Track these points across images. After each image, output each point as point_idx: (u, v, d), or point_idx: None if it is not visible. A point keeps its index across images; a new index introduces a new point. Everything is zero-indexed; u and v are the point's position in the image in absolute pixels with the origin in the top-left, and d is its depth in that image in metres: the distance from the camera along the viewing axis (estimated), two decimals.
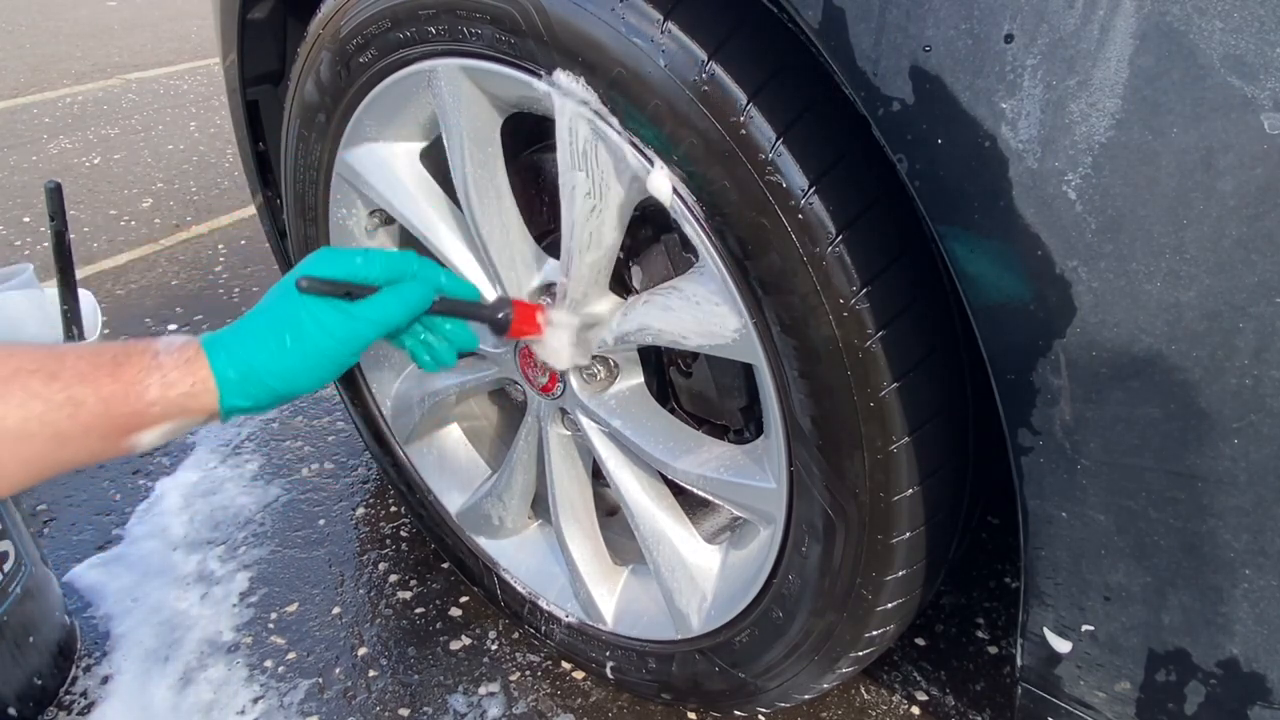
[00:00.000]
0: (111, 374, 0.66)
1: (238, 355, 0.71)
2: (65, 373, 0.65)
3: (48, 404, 0.64)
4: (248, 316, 0.74)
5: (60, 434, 0.65)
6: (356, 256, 0.76)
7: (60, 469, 0.67)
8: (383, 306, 0.76)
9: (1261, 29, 0.47)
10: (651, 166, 0.76)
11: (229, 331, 0.72)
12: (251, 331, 0.72)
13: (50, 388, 0.64)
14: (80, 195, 2.99)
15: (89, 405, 0.65)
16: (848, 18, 0.59)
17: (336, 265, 0.75)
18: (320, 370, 0.74)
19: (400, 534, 1.52)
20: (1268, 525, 0.57)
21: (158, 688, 1.25)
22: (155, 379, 0.68)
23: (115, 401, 0.66)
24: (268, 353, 0.72)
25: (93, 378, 0.66)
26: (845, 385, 0.75)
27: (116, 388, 0.66)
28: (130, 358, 0.68)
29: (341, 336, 0.74)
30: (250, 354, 0.71)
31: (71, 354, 0.66)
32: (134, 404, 0.67)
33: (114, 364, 0.67)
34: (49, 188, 1.27)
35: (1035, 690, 0.77)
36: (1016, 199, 0.56)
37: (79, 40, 5.48)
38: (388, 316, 0.76)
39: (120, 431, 0.68)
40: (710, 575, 1.02)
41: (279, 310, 0.73)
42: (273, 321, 0.72)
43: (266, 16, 1.22)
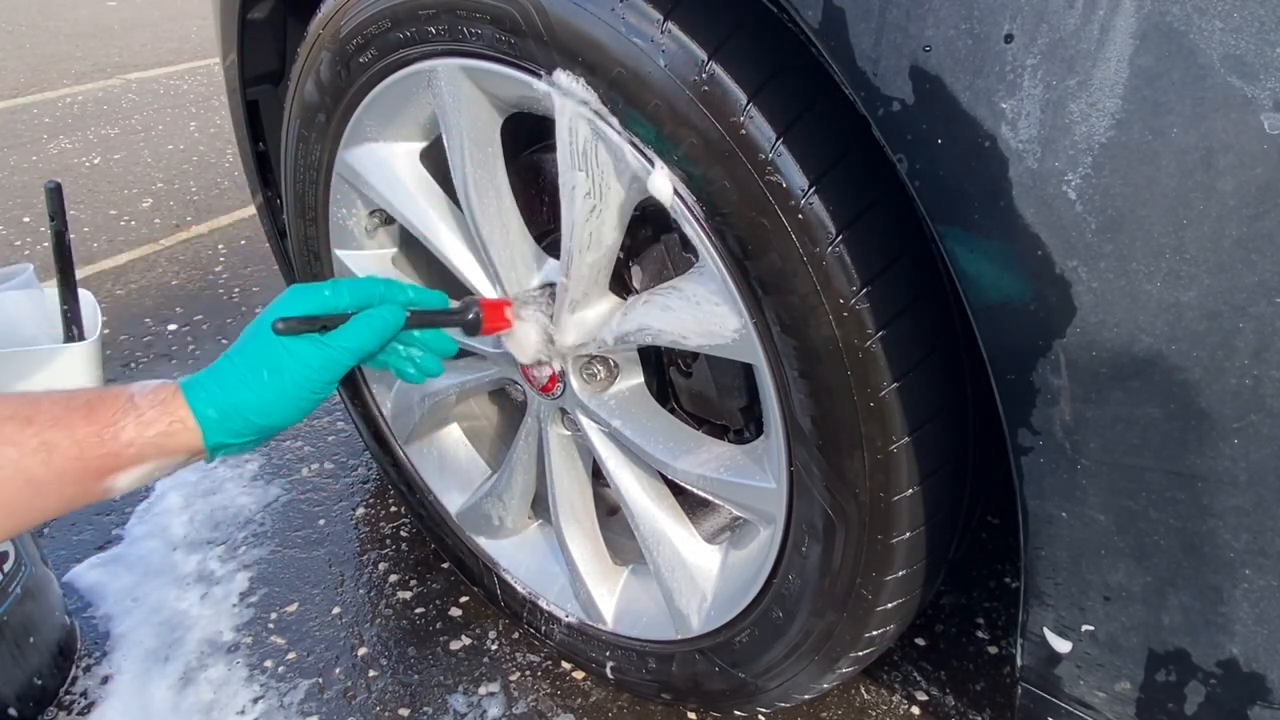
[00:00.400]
0: (86, 416, 0.67)
1: (216, 394, 0.73)
2: (39, 418, 0.65)
3: (20, 449, 0.64)
4: (223, 359, 0.76)
5: (34, 480, 0.64)
6: (324, 289, 0.78)
7: (38, 518, 0.67)
8: (355, 334, 0.78)
9: (1261, 29, 0.47)
10: (652, 167, 0.76)
11: (206, 374, 0.74)
12: (228, 371, 0.74)
13: (24, 433, 0.64)
14: (80, 195, 2.99)
15: (62, 449, 0.65)
16: (848, 18, 0.59)
17: (307, 302, 0.77)
18: (299, 401, 0.76)
19: (400, 534, 1.52)
20: (1268, 525, 0.57)
21: (158, 688, 1.25)
22: (130, 419, 0.68)
23: (89, 444, 0.66)
24: (246, 388, 0.73)
25: (66, 421, 0.66)
26: (845, 385, 0.75)
27: (90, 430, 0.66)
28: (105, 401, 0.68)
29: (318, 366, 0.76)
30: (229, 392, 0.73)
31: (46, 399, 0.67)
32: (109, 445, 0.67)
33: (88, 407, 0.67)
34: (49, 188, 1.27)
35: (1035, 690, 0.77)
36: (1016, 199, 0.56)
37: (79, 40, 5.48)
38: (361, 342, 0.78)
39: (95, 475, 0.68)
40: (710, 575, 1.02)
41: (255, 349, 0.75)
42: (249, 360, 0.74)
43: (266, 16, 1.22)
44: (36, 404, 0.66)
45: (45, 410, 0.66)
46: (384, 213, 1.13)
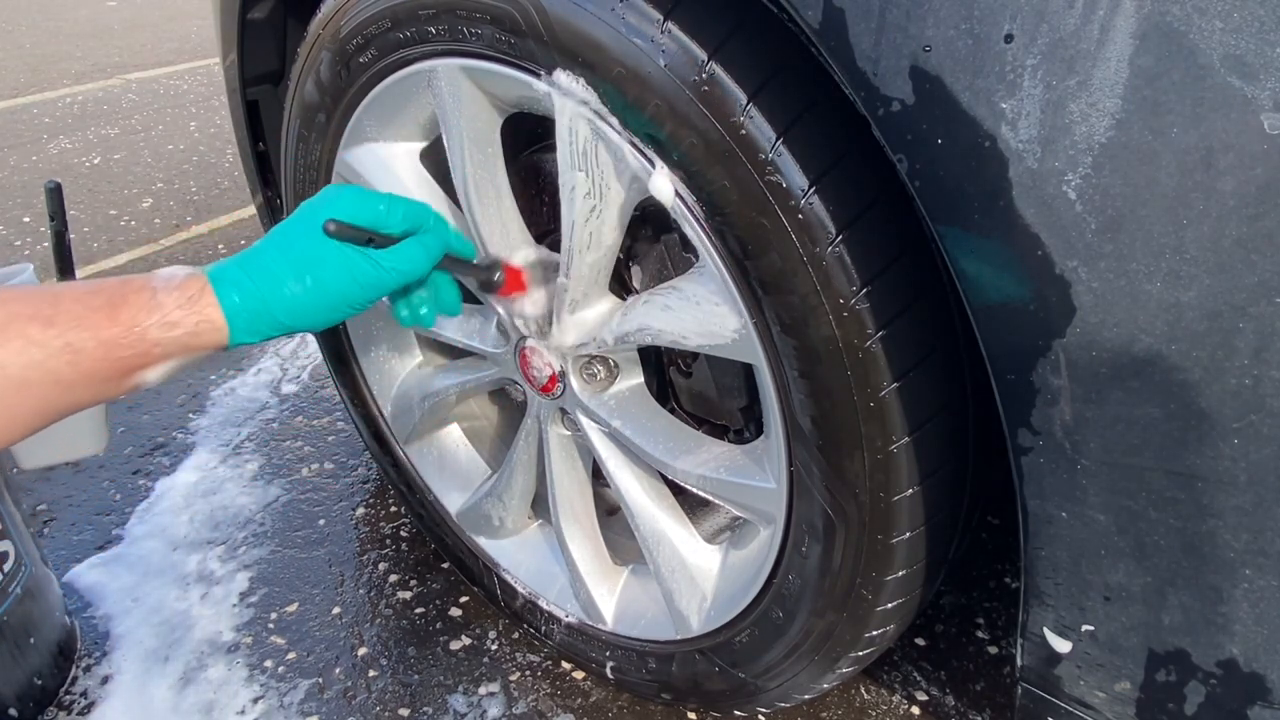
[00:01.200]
0: (109, 317, 0.65)
1: (251, 293, 0.69)
2: (61, 318, 0.63)
3: (46, 351, 0.63)
4: (260, 250, 0.71)
5: (62, 381, 0.64)
6: (379, 203, 0.74)
7: (68, 412, 0.66)
8: (409, 258, 0.75)
9: (1261, 29, 0.47)
10: (653, 168, 0.76)
11: (238, 266, 0.70)
12: (268, 268, 0.70)
13: (47, 334, 0.63)
14: (80, 195, 2.99)
15: (89, 350, 0.64)
16: (848, 18, 0.59)
17: (361, 210, 0.73)
18: (336, 313, 0.74)
19: (400, 534, 1.52)
20: (1268, 525, 0.57)
21: (158, 688, 1.25)
22: (155, 319, 0.66)
23: (115, 346, 0.65)
24: (286, 290, 0.70)
25: (90, 321, 0.64)
26: (845, 385, 0.75)
27: (116, 331, 0.65)
28: (128, 300, 0.66)
29: (366, 284, 0.73)
30: (267, 291, 0.70)
31: (67, 295, 0.65)
32: (136, 346, 0.66)
33: (110, 306, 0.65)
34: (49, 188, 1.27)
35: (1035, 690, 0.77)
36: (1016, 199, 0.56)
37: (79, 40, 5.48)
38: (412, 267, 0.76)
39: (123, 373, 0.67)
40: (710, 575, 1.02)
41: (302, 250, 0.71)
42: (295, 261, 0.71)
43: (266, 16, 1.22)
44: (57, 302, 0.64)
45: (67, 309, 0.64)
46: None
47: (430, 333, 1.16)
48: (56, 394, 0.64)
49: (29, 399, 0.63)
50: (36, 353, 0.62)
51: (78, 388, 0.65)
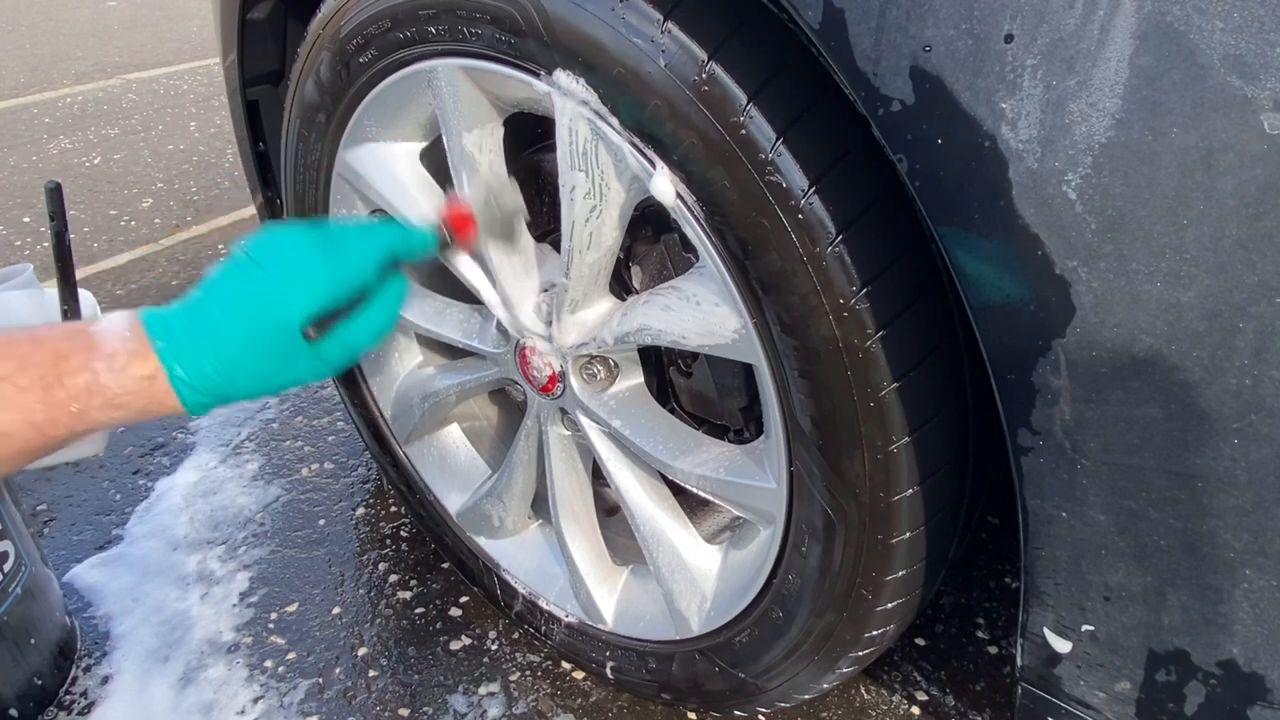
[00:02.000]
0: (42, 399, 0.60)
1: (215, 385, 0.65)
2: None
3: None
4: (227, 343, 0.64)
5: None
6: (353, 272, 0.69)
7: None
8: (383, 319, 0.72)
9: (1261, 29, 0.47)
10: (654, 169, 0.76)
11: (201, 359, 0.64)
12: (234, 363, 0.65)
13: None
14: (80, 195, 2.99)
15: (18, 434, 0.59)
16: (848, 18, 0.59)
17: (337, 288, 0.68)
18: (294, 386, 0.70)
19: (400, 534, 1.52)
20: (1268, 525, 0.57)
21: (158, 688, 1.25)
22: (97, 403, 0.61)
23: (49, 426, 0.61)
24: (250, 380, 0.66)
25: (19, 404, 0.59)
26: (845, 385, 0.75)
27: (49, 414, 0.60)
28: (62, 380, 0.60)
29: (340, 366, 0.71)
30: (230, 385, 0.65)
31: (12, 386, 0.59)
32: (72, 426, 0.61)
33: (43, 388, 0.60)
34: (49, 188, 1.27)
35: (1035, 690, 0.77)
36: (1016, 199, 0.56)
37: (79, 40, 5.48)
38: (386, 327, 0.73)
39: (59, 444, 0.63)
40: (710, 575, 1.02)
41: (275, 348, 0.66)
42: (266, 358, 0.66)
43: (266, 16, 1.22)
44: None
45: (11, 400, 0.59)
46: (384, 213, 1.12)
47: (430, 333, 1.16)
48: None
49: None
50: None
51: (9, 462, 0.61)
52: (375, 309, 0.72)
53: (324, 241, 0.69)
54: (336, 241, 0.70)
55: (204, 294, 0.67)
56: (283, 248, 0.68)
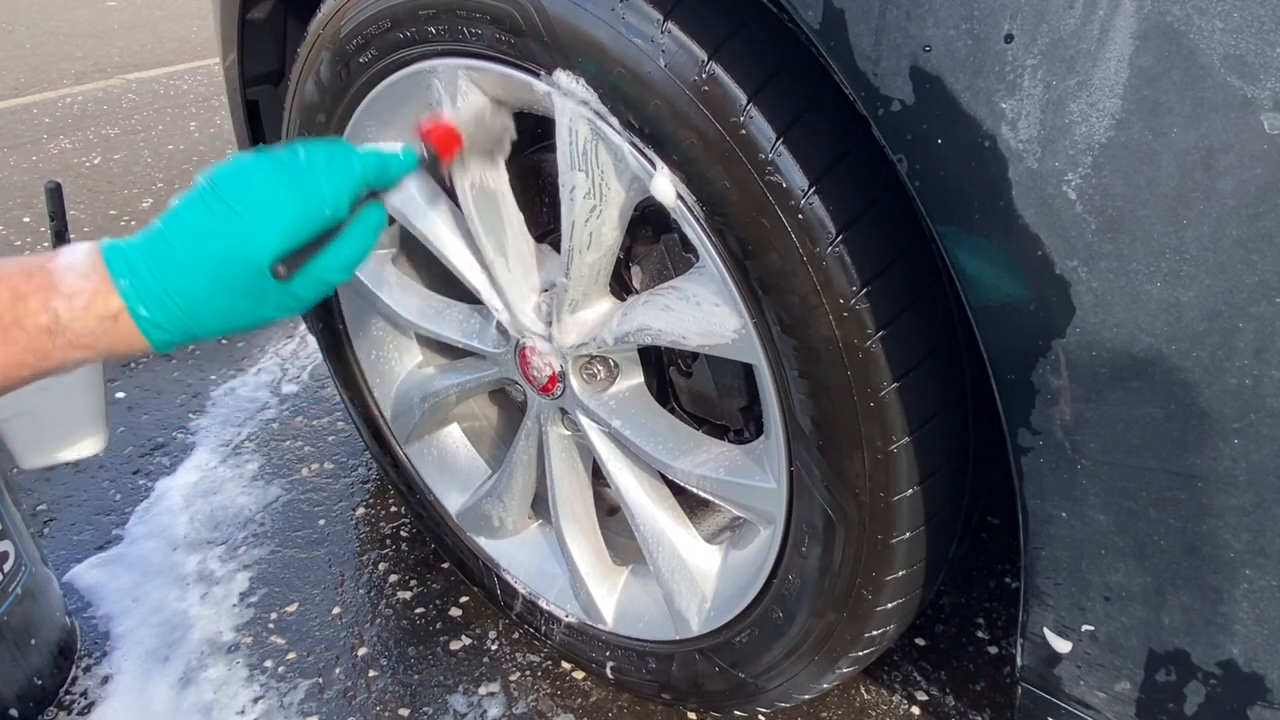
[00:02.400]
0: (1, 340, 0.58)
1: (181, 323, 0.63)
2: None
3: None
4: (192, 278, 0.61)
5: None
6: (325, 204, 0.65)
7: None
8: (355, 251, 0.68)
9: (1261, 29, 0.47)
10: (655, 169, 0.76)
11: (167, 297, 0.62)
12: (200, 301, 0.62)
13: None
14: (80, 195, 2.99)
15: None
16: (848, 18, 0.59)
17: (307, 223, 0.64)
18: (263, 324, 0.67)
19: (400, 534, 1.52)
20: (1268, 525, 0.57)
21: (158, 688, 1.25)
22: (60, 343, 0.59)
23: (10, 369, 0.59)
24: (217, 319, 0.64)
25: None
26: (845, 385, 0.75)
27: (10, 353, 0.58)
28: (22, 321, 0.58)
29: (312, 300, 0.68)
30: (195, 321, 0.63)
31: None
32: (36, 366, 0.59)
33: (2, 329, 0.58)
34: (49, 188, 1.27)
35: (1035, 690, 0.77)
36: (1016, 199, 0.56)
37: (79, 40, 5.48)
38: (359, 259, 0.69)
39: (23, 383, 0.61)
40: (710, 575, 1.02)
41: (244, 286, 0.63)
42: (234, 295, 0.63)
43: (266, 16, 1.22)
44: None
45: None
46: None
47: (430, 333, 1.16)
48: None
49: None
50: None
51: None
52: (347, 241, 0.68)
53: (293, 173, 0.65)
54: (306, 173, 0.65)
55: (167, 228, 0.64)
56: (249, 181, 0.64)
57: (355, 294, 1.21)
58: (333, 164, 0.67)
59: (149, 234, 0.64)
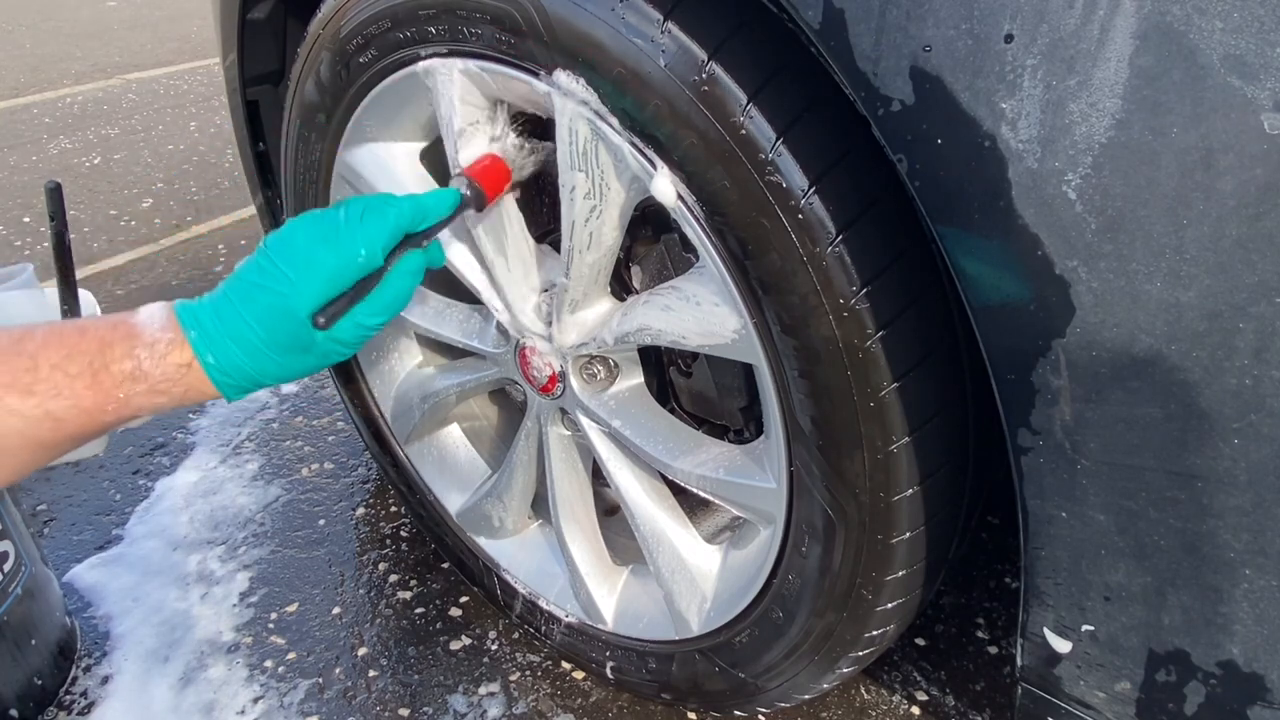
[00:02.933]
0: (90, 386, 0.63)
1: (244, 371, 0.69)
2: (40, 386, 0.62)
3: (26, 420, 0.62)
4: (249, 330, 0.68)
5: (44, 444, 0.63)
6: (357, 256, 0.71)
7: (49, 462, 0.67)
8: (394, 297, 0.73)
9: (1261, 29, 0.47)
10: (655, 170, 0.76)
11: (227, 336, 0.68)
12: (257, 350, 0.68)
13: (26, 404, 0.61)
14: (80, 195, 2.99)
15: (70, 419, 0.63)
16: (848, 18, 0.59)
17: (343, 275, 0.70)
18: (319, 369, 0.73)
19: (400, 534, 1.52)
20: (1268, 525, 0.57)
21: (158, 688, 1.25)
22: (141, 389, 0.65)
23: (97, 412, 0.64)
24: (273, 364, 0.70)
25: (69, 391, 0.63)
26: (845, 385, 0.75)
27: (97, 399, 0.63)
28: (108, 366, 0.64)
29: (353, 345, 0.73)
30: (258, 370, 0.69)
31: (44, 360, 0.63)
32: (119, 412, 0.65)
33: (91, 375, 0.63)
34: (49, 188, 1.27)
35: (1035, 690, 0.77)
36: (1016, 199, 0.56)
37: (79, 40, 5.48)
38: (399, 304, 0.74)
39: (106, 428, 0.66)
40: (710, 575, 1.02)
41: (287, 331, 0.69)
42: (284, 345, 0.69)
43: (266, 16, 1.22)
44: (35, 368, 0.62)
45: (45, 378, 0.62)
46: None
47: (430, 333, 1.16)
48: (38, 456, 0.64)
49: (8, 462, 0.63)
50: (16, 422, 0.61)
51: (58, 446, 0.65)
52: (385, 288, 0.74)
53: (330, 228, 0.71)
54: (342, 227, 0.72)
55: (228, 286, 0.71)
56: (293, 240, 0.71)
57: None
58: (367, 216, 0.72)
59: (214, 293, 0.71)
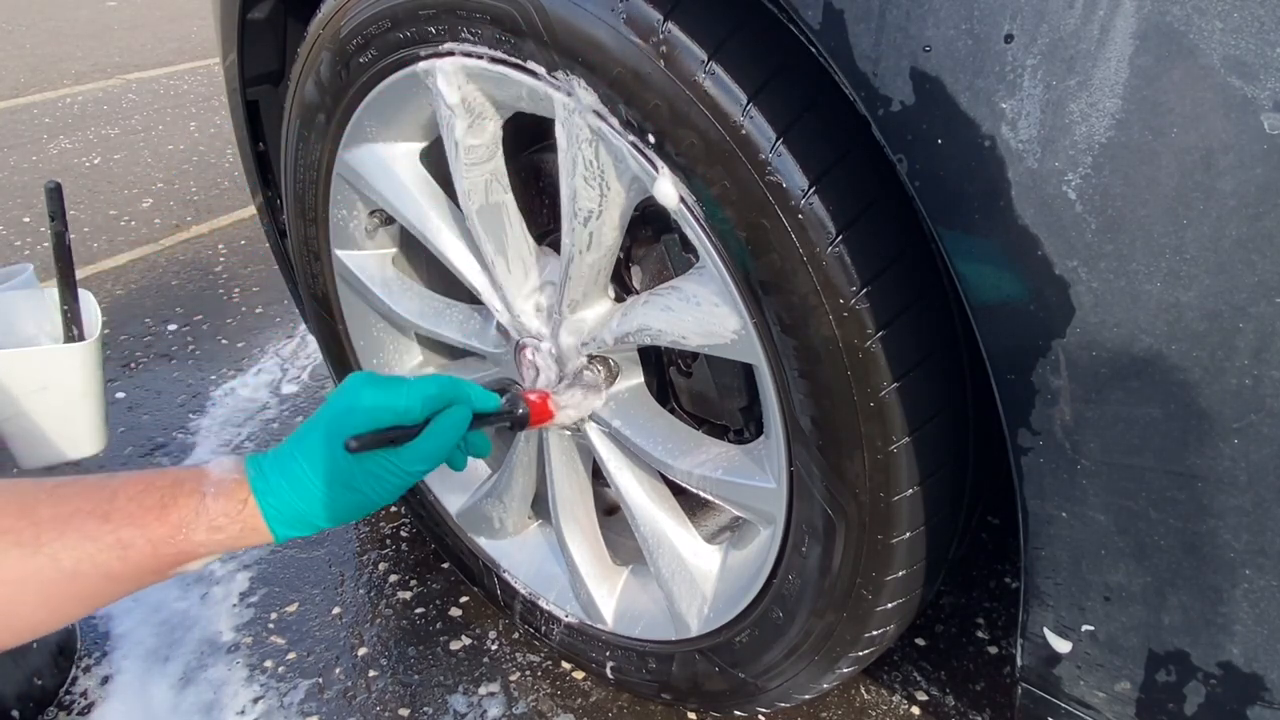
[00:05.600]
0: (159, 517, 0.68)
1: (292, 503, 0.73)
2: (116, 514, 0.67)
3: (98, 545, 0.66)
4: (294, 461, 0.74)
5: (111, 574, 0.67)
6: (400, 399, 0.76)
7: (110, 600, 0.70)
8: (434, 447, 0.77)
9: (1261, 29, 0.47)
10: (657, 172, 0.76)
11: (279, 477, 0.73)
12: (303, 484, 0.73)
13: (101, 529, 0.66)
14: (80, 195, 2.99)
15: (137, 547, 0.67)
16: (847, 18, 0.59)
17: (382, 412, 0.75)
18: (370, 510, 0.77)
19: (400, 534, 1.52)
20: (1268, 525, 0.57)
21: (158, 688, 1.25)
22: (203, 524, 0.70)
23: (163, 544, 0.69)
24: (322, 505, 0.74)
25: (141, 520, 0.68)
26: (845, 385, 0.75)
27: (164, 531, 0.68)
28: (178, 500, 0.70)
29: (395, 487, 0.76)
30: (304, 502, 0.73)
31: (122, 493, 0.69)
32: (181, 546, 0.69)
33: (161, 507, 0.69)
34: (49, 188, 1.27)
35: (1035, 690, 0.77)
36: (1016, 199, 0.56)
37: (79, 40, 5.48)
38: (438, 455, 0.78)
39: (167, 566, 0.71)
40: (710, 575, 1.02)
41: (330, 466, 0.74)
42: (326, 478, 0.74)
43: (266, 16, 1.22)
44: (114, 499, 0.68)
45: (121, 507, 0.68)
46: (384, 213, 1.13)
47: (430, 333, 1.16)
48: (102, 586, 0.68)
49: (76, 589, 0.66)
50: (90, 546, 0.66)
51: (123, 580, 0.69)
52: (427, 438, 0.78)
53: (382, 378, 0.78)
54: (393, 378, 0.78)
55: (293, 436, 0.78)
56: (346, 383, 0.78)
57: (355, 294, 1.21)
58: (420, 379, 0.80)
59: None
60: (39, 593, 0.65)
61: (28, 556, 0.64)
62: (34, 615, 0.67)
